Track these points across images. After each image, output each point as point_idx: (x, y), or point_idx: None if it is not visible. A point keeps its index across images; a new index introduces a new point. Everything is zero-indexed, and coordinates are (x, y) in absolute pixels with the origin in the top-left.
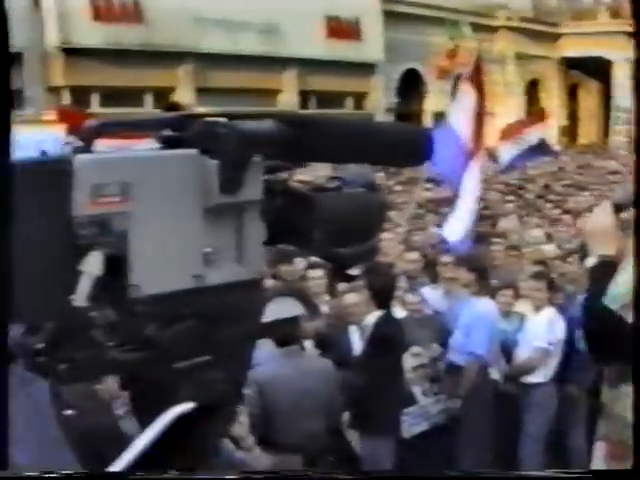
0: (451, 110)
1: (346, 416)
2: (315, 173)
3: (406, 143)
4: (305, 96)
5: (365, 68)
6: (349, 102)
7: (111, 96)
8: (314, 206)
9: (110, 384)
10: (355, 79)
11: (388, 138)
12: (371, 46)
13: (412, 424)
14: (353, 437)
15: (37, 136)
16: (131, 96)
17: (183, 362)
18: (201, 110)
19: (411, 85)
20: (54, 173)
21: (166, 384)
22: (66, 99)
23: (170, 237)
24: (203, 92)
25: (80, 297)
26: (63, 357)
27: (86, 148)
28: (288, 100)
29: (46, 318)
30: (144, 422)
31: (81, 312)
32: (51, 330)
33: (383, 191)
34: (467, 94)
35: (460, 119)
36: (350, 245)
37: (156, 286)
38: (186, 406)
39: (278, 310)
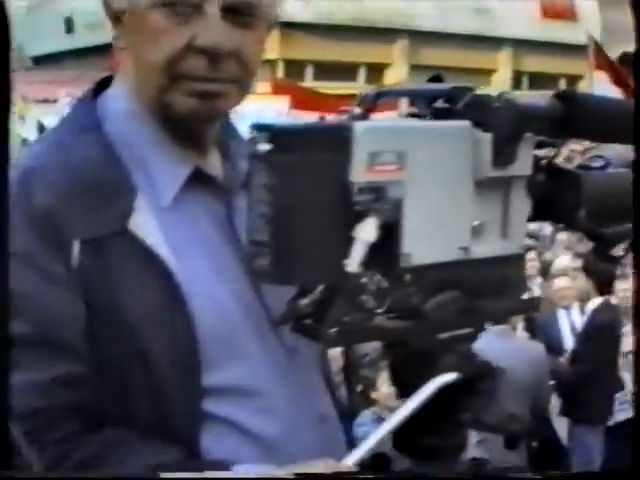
0: None
1: (554, 402)
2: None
3: None
4: (517, 76)
5: (580, 50)
6: (562, 84)
7: (324, 70)
8: (580, 184)
9: None
10: (569, 60)
11: None
12: (587, 27)
13: (618, 410)
14: (561, 424)
15: (253, 108)
16: (344, 71)
17: (446, 333)
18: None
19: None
20: (334, 139)
21: (428, 354)
22: (280, 72)
23: (442, 208)
24: (416, 69)
25: (353, 262)
26: (332, 320)
27: (364, 116)
28: (501, 80)
29: (319, 281)
30: (403, 391)
31: (353, 277)
32: (321, 293)
33: None
34: (605, 88)
35: None
36: (613, 225)
37: (426, 256)
38: (450, 376)
39: None
